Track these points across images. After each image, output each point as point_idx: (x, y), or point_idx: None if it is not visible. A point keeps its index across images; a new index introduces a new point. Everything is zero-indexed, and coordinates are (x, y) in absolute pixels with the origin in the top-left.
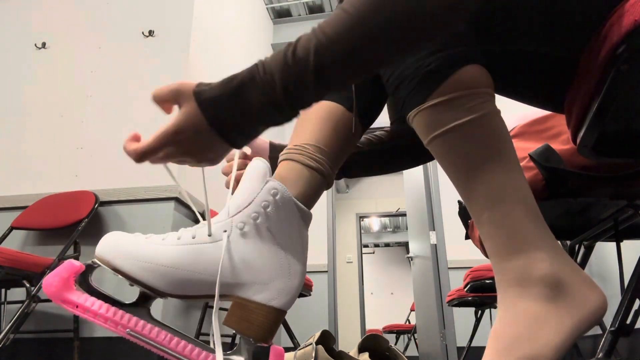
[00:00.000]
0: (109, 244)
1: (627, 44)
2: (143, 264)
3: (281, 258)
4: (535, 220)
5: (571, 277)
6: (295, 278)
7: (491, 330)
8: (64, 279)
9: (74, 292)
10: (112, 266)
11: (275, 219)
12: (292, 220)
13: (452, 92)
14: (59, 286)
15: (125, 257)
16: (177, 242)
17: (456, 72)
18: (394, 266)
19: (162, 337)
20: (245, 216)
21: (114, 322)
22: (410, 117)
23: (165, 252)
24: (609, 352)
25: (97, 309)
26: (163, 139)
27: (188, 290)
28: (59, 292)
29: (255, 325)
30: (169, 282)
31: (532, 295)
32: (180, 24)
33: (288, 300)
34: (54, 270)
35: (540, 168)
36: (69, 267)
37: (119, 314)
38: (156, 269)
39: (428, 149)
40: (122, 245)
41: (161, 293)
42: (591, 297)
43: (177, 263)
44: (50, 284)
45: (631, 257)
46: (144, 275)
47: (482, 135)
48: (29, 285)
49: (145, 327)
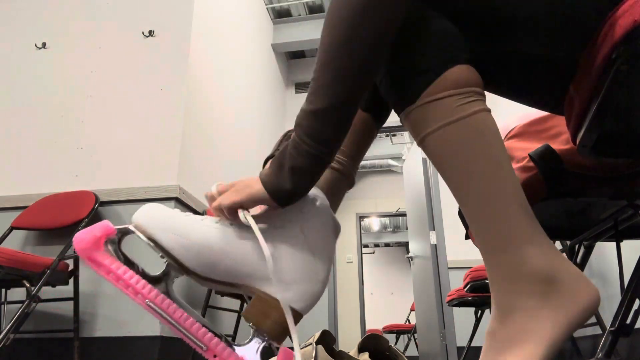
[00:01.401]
0: (149, 213)
1: (626, 45)
2: (179, 238)
3: (310, 262)
4: (526, 217)
5: (563, 273)
6: (319, 285)
7: (486, 328)
8: (96, 237)
9: (102, 252)
10: (148, 235)
11: (311, 224)
12: (326, 228)
13: (441, 91)
14: (90, 244)
15: (163, 228)
16: (214, 224)
17: (445, 73)
18: (394, 266)
19: (178, 315)
20: (283, 214)
21: (135, 290)
22: (402, 118)
23: (203, 232)
24: (609, 352)
25: (121, 273)
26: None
27: (215, 273)
28: (88, 249)
29: (271, 321)
30: (201, 261)
31: (525, 291)
32: (180, 24)
33: (308, 305)
34: (88, 227)
35: (540, 168)
36: (103, 227)
37: (142, 283)
38: (191, 245)
39: (420, 148)
40: (162, 217)
41: (189, 271)
42: (584, 291)
43: (211, 244)
44: (82, 239)
45: (631, 257)
46: (178, 250)
47: (472, 133)
48: (29, 285)
49: (165, 302)
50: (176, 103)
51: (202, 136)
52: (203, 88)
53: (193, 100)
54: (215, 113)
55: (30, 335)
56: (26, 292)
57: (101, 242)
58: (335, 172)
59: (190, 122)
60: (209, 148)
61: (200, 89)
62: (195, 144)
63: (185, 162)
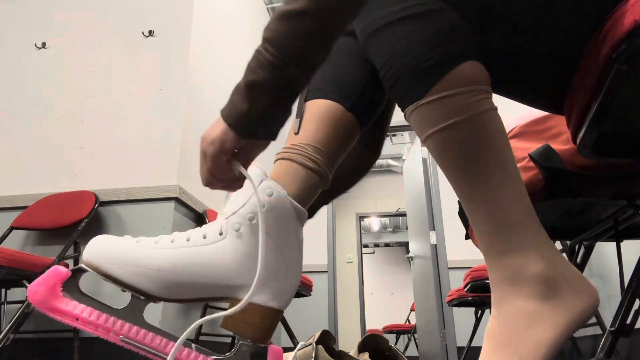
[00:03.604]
0: (97, 248)
1: (627, 44)
2: (134, 268)
3: (278, 258)
4: (529, 220)
5: (564, 275)
6: (292, 278)
7: (486, 329)
8: (49, 286)
9: (61, 299)
10: (100, 271)
11: (271, 218)
12: (287, 219)
13: (450, 88)
14: (45, 294)
15: (115, 261)
16: (170, 245)
17: (454, 69)
18: (394, 266)
19: (157, 342)
20: (240, 217)
21: (106, 329)
22: (407, 113)
23: (159, 256)
24: (609, 352)
25: (87, 317)
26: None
27: (183, 294)
28: (45, 300)
29: (252, 327)
30: (163, 286)
31: (526, 293)
32: (180, 24)
33: (285, 300)
34: (38, 278)
35: (540, 168)
36: (54, 274)
37: (111, 320)
38: (148, 273)
39: (425, 145)
40: (111, 250)
41: (154, 297)
42: (583, 293)
43: (171, 266)
44: (35, 291)
45: (631, 257)
46: (136, 280)
47: (479, 133)
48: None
49: (139, 333)
50: (176, 103)
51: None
52: (203, 88)
53: (193, 100)
54: (215, 113)
55: (30, 335)
56: (26, 292)
57: (57, 289)
58: (309, 171)
59: (190, 122)
60: None
61: (200, 89)
62: (195, 144)
63: (185, 162)
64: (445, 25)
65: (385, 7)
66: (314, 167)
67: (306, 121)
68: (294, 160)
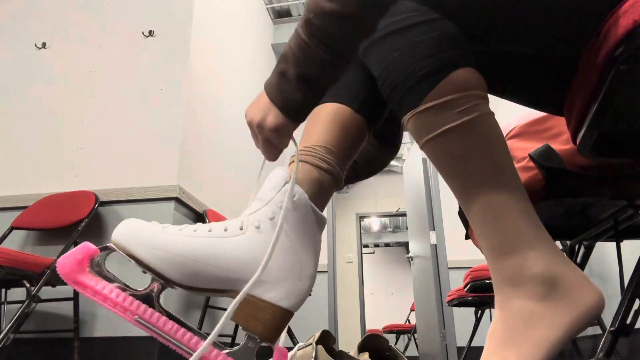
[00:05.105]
0: (127, 229)
1: (626, 44)
2: (159, 252)
3: (294, 259)
4: (529, 219)
5: (566, 275)
6: (306, 280)
7: (488, 331)
8: (78, 260)
9: (87, 274)
10: (127, 252)
11: (292, 219)
12: (307, 223)
13: (444, 95)
14: (73, 267)
15: (142, 244)
16: (193, 234)
17: (448, 76)
18: (394, 266)
19: (168, 327)
20: (261, 214)
21: (123, 308)
22: (405, 121)
23: (182, 243)
24: (609, 352)
25: (107, 293)
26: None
27: (199, 282)
28: (71, 273)
29: (262, 323)
30: (183, 272)
31: (527, 293)
32: (180, 24)
33: (297, 302)
34: (69, 251)
35: (540, 168)
36: (84, 249)
37: (129, 300)
38: (171, 258)
39: (423, 151)
40: (140, 232)
41: (172, 283)
42: (587, 294)
43: (193, 254)
44: (64, 264)
45: (631, 257)
46: (158, 264)
47: (476, 137)
48: (29, 285)
49: (153, 316)
50: (176, 103)
51: (201, 136)
52: (203, 88)
53: (193, 100)
54: (215, 113)
55: (30, 335)
56: (26, 292)
57: (84, 264)
58: (322, 171)
59: (190, 122)
60: (208, 148)
61: (200, 89)
62: (195, 144)
63: (185, 162)
64: (438, 35)
65: (380, 21)
66: (326, 167)
67: (316, 124)
68: (306, 161)
